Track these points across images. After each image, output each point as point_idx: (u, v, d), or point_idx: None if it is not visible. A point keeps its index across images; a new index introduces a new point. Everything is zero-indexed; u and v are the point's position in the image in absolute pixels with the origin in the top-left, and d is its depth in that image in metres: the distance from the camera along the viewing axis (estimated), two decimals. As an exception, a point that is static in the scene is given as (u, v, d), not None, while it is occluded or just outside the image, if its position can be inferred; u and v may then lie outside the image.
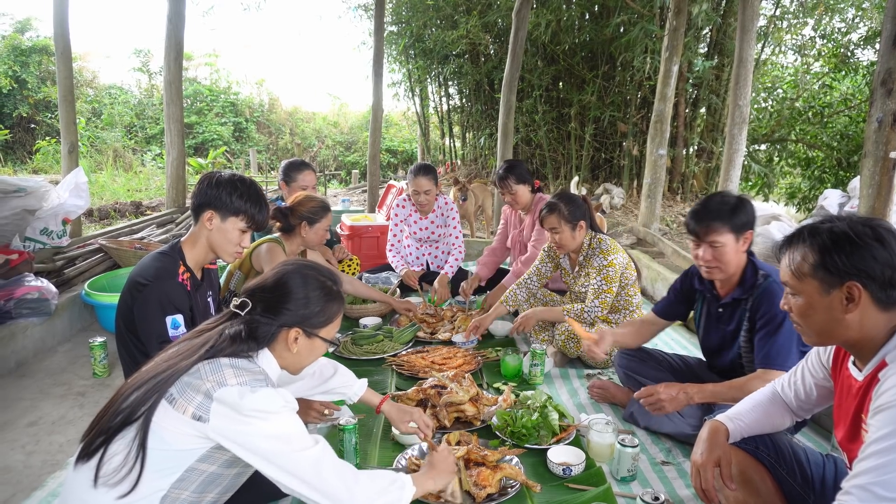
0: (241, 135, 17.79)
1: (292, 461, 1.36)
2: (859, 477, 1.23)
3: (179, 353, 1.42)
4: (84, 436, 1.39)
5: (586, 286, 3.15)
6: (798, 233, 1.43)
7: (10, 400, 3.02)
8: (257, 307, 1.51)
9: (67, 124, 5.56)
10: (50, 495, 2.06)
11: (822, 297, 1.36)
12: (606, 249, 3.05)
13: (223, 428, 1.34)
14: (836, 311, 1.35)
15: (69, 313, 3.93)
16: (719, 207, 2.19)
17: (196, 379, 1.37)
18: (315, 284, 1.55)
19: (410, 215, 4.47)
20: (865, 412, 1.35)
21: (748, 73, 5.43)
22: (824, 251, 1.35)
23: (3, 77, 14.34)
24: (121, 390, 1.40)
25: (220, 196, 2.10)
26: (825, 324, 1.39)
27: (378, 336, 3.40)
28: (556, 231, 3.09)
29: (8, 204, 4.26)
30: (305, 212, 3.09)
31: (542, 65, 9.30)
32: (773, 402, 1.76)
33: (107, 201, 9.23)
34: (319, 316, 1.55)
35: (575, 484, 2.06)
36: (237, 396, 1.34)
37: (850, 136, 9.16)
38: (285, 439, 1.37)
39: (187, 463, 1.37)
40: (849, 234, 1.33)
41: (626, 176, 8.93)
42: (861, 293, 1.31)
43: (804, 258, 1.39)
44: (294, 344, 1.53)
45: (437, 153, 12.95)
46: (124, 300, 2.10)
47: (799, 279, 1.40)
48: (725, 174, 5.62)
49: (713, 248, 2.20)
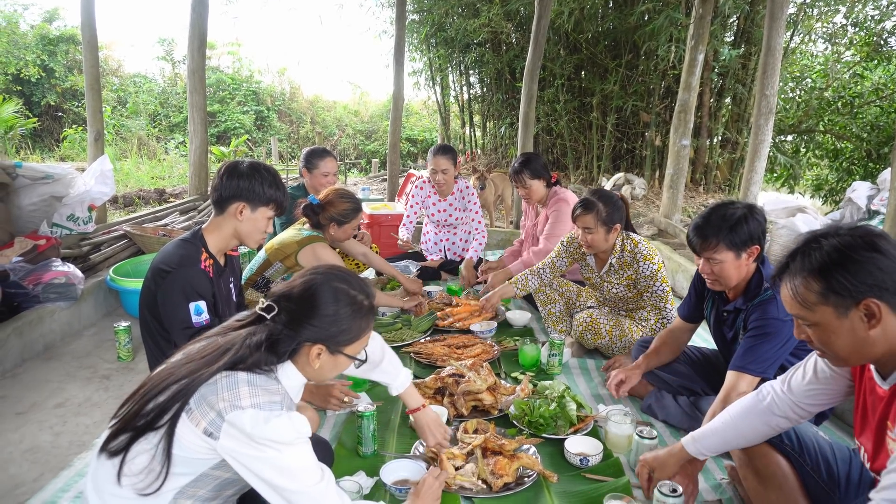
0: (263, 123, 17.90)
1: (294, 496, 1.33)
2: (889, 490, 1.19)
3: (203, 356, 1.37)
4: (110, 426, 1.38)
5: (618, 288, 3.07)
6: (789, 260, 1.38)
7: (39, 382, 3.09)
8: (282, 315, 1.43)
9: (94, 112, 5.65)
10: (77, 475, 2.11)
11: (841, 321, 1.30)
12: (648, 253, 2.93)
13: (231, 449, 1.31)
14: (859, 331, 1.29)
15: (95, 298, 4.01)
16: (719, 224, 2.11)
17: (212, 393, 1.32)
18: (346, 300, 1.46)
19: (429, 196, 4.47)
20: (892, 419, 1.31)
21: (776, 62, 5.31)
22: (826, 275, 1.30)
23: (31, 66, 14.59)
24: (145, 386, 1.37)
25: (251, 188, 2.11)
26: (852, 345, 1.32)
27: (396, 324, 3.42)
28: (589, 231, 2.94)
29: (36, 191, 4.35)
30: (336, 214, 3.08)
31: (564, 53, 9.20)
32: (750, 414, 1.71)
33: (131, 188, 9.37)
34: (346, 333, 1.47)
35: (592, 475, 2.06)
36: (249, 425, 1.29)
37: (880, 127, 8.93)
38: (290, 474, 1.32)
39: (201, 469, 1.35)
40: (844, 252, 1.29)
41: (648, 166, 8.83)
42: (880, 307, 1.26)
43: (807, 287, 1.33)
44: (316, 360, 1.45)
45: (457, 142, 12.91)
46: (147, 287, 2.13)
47: (809, 309, 1.34)
48: (750, 165, 5.52)
49: (711, 264, 2.16)
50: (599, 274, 3.16)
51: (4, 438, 2.54)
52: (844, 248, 1.29)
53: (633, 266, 2.97)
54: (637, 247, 2.96)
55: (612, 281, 3.10)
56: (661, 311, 2.98)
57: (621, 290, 3.09)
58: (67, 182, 4.49)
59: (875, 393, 1.40)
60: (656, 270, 2.91)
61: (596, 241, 2.96)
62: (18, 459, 2.39)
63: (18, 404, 2.84)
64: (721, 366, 2.52)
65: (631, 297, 3.09)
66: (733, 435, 1.73)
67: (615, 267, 3.06)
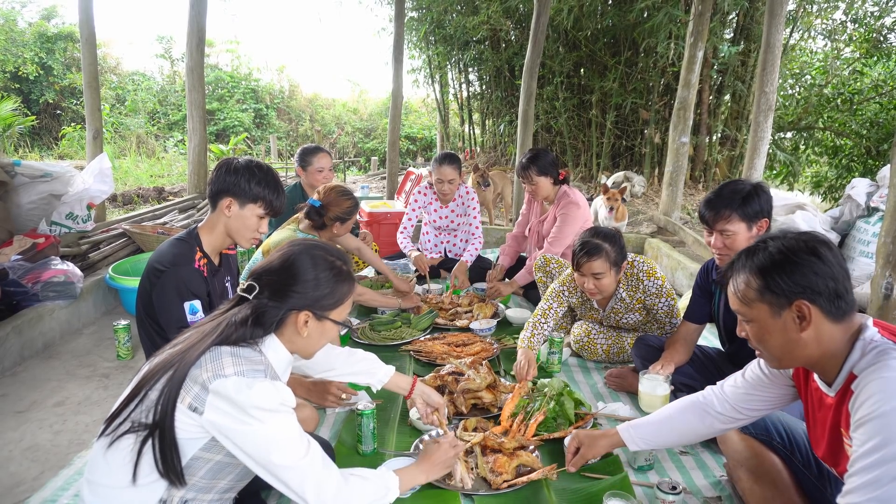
0: (262, 121, 17.87)
1: (282, 472, 1.35)
2: (853, 494, 1.21)
3: (190, 343, 1.39)
4: (107, 421, 1.39)
5: (630, 316, 2.91)
6: (737, 258, 1.43)
7: (38, 380, 3.09)
8: (265, 291, 1.46)
9: (92, 111, 5.64)
10: (77, 474, 2.11)
11: (775, 320, 1.35)
12: (650, 269, 2.80)
13: (216, 422, 1.32)
14: (790, 331, 1.34)
15: (94, 296, 4.01)
16: (731, 196, 2.19)
17: (196, 368, 1.34)
18: (324, 265, 1.50)
19: (431, 203, 4.46)
20: (844, 426, 1.33)
21: (776, 58, 5.31)
22: (765, 274, 1.34)
23: (30, 64, 14.55)
24: (140, 384, 1.38)
25: (238, 183, 2.10)
26: (783, 345, 1.37)
27: (396, 322, 3.42)
28: (599, 276, 2.68)
29: (35, 189, 4.35)
30: (340, 213, 3.08)
31: (563, 51, 9.18)
32: (688, 411, 1.77)
33: (130, 187, 9.36)
34: (329, 298, 1.50)
35: (591, 472, 2.06)
36: (233, 391, 1.31)
37: (880, 124, 8.91)
38: (276, 447, 1.34)
39: (191, 452, 1.36)
40: (785, 254, 1.33)
41: (647, 164, 8.82)
42: (810, 310, 1.30)
43: (748, 284, 1.38)
44: (304, 327, 1.48)
45: (456, 140, 12.89)
46: (143, 286, 2.13)
47: (748, 305, 1.39)
48: (749, 162, 5.52)
49: (724, 237, 2.20)
50: (605, 312, 2.97)
51: (4, 437, 2.55)
52: (787, 250, 1.34)
53: (641, 286, 2.82)
54: (633, 267, 2.82)
55: (621, 312, 2.93)
56: (669, 324, 2.87)
57: (634, 317, 2.93)
58: (66, 180, 4.49)
59: (823, 402, 1.43)
60: (661, 285, 2.80)
61: (606, 286, 2.73)
62: (18, 458, 2.39)
63: (18, 403, 2.85)
64: (724, 366, 2.53)
65: (642, 319, 2.95)
66: (668, 429, 1.80)
67: (621, 295, 2.87)
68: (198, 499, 1.42)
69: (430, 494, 1.92)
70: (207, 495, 1.44)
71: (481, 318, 3.48)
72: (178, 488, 1.37)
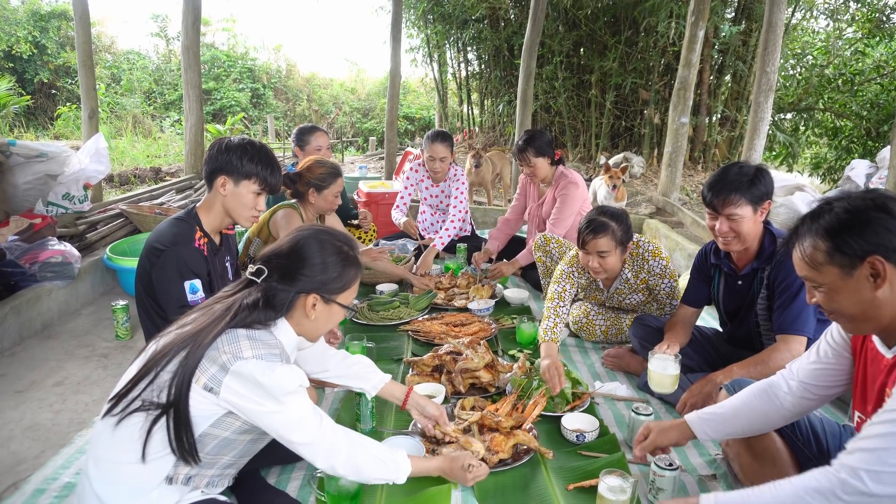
0: (259, 101, 17.73)
1: (296, 444, 1.46)
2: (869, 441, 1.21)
3: (201, 324, 1.41)
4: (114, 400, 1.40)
5: (634, 297, 2.90)
6: (799, 224, 1.39)
7: (38, 360, 3.10)
8: (274, 274, 1.49)
9: (87, 90, 5.58)
10: (78, 452, 2.13)
11: (847, 281, 1.31)
12: (655, 249, 2.78)
13: (234, 402, 1.38)
14: (864, 290, 1.29)
15: (92, 277, 4.01)
16: (738, 179, 2.15)
17: (213, 349, 1.38)
18: (332, 249, 1.53)
19: (422, 181, 4.45)
20: (890, 385, 1.32)
21: (777, 38, 5.26)
22: (834, 235, 1.30)
23: (23, 42, 14.37)
24: (148, 364, 1.40)
25: (230, 160, 2.10)
26: (858, 305, 1.32)
27: (394, 302, 3.43)
28: (604, 255, 2.66)
29: (31, 169, 4.32)
30: (313, 179, 3.04)
31: (563, 30, 9.08)
32: (756, 397, 1.68)
33: (127, 167, 9.30)
34: (337, 281, 1.53)
35: (588, 451, 2.08)
36: (258, 373, 1.35)
37: (880, 105, 8.87)
38: (293, 425, 1.43)
39: (200, 429, 1.39)
40: (853, 213, 1.29)
41: (646, 144, 8.78)
42: (885, 266, 1.26)
43: (816, 247, 1.33)
44: (312, 310, 1.52)
45: (454, 120, 12.81)
46: (142, 265, 2.13)
47: (817, 270, 1.35)
48: (749, 143, 5.50)
49: (731, 221, 2.17)
50: (609, 292, 2.96)
51: (5, 416, 2.56)
52: (854, 209, 1.30)
53: (646, 266, 2.80)
54: (638, 247, 2.80)
55: (624, 293, 2.91)
56: (670, 305, 2.86)
57: (636, 297, 2.91)
58: (62, 160, 4.46)
59: (877, 362, 1.41)
60: (665, 266, 2.79)
61: (611, 265, 2.71)
62: (19, 437, 2.41)
63: (18, 382, 2.86)
64: (721, 346, 2.54)
65: (644, 300, 2.93)
66: (739, 418, 1.69)
67: (626, 275, 2.85)
68: (201, 474, 1.45)
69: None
70: (210, 470, 1.47)
71: (479, 299, 3.49)
72: (185, 465, 1.40)
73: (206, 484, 1.48)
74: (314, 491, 1.82)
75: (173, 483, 1.41)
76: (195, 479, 1.44)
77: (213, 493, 1.50)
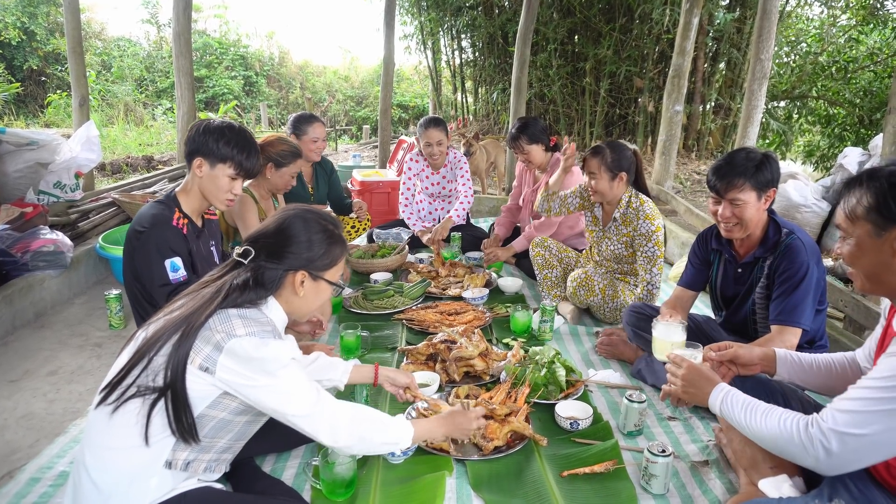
0: (252, 89, 17.60)
1: (295, 418, 1.47)
2: (849, 403, 1.29)
3: (191, 307, 1.42)
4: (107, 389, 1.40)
5: (616, 245, 3.12)
6: (858, 176, 1.42)
7: (31, 350, 3.09)
8: (261, 254, 1.52)
9: (77, 77, 5.52)
10: (72, 441, 2.12)
11: (873, 240, 1.36)
12: (651, 214, 2.97)
13: (229, 381, 1.39)
14: (885, 254, 1.34)
15: (85, 266, 3.99)
16: (744, 164, 2.14)
17: (206, 329, 1.40)
18: (317, 227, 1.56)
19: (423, 170, 4.44)
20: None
21: (772, 25, 5.24)
22: (880, 195, 1.34)
23: (12, 29, 14.18)
24: (140, 350, 1.40)
25: (207, 143, 2.11)
26: (872, 267, 1.38)
27: (389, 291, 3.43)
28: (594, 176, 2.98)
29: (21, 157, 4.28)
30: (274, 154, 3.00)
31: (557, 17, 9.05)
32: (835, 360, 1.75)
33: (118, 155, 9.24)
34: (324, 258, 1.57)
35: (582, 438, 2.09)
36: (251, 348, 1.38)
37: (873, 93, 8.87)
38: (289, 398, 1.45)
39: (198, 410, 1.41)
40: None
41: (640, 133, 8.78)
42: None
43: (859, 201, 1.38)
44: (301, 287, 1.55)
45: (448, 108, 12.76)
46: (126, 251, 2.15)
47: (852, 221, 1.39)
48: (743, 131, 5.50)
49: (734, 206, 2.16)
50: (601, 229, 3.19)
51: (-2, 406, 2.56)
52: None
53: (634, 223, 3.00)
54: (642, 206, 3.00)
55: (612, 237, 3.14)
56: (648, 273, 2.96)
57: (619, 247, 3.12)
58: (53, 148, 4.42)
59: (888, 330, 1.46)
60: (653, 231, 2.93)
61: (601, 187, 2.98)
62: (13, 426, 2.41)
63: (11, 372, 2.85)
64: (713, 333, 2.55)
65: (626, 255, 3.13)
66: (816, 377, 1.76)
67: (618, 222, 3.08)
68: (199, 459, 1.46)
69: (422, 460, 1.95)
70: (207, 455, 1.48)
71: (473, 288, 3.50)
72: (183, 449, 1.42)
73: (204, 469, 1.48)
74: (309, 479, 1.83)
75: (172, 468, 1.41)
76: (193, 465, 1.45)
77: (209, 481, 1.51)
